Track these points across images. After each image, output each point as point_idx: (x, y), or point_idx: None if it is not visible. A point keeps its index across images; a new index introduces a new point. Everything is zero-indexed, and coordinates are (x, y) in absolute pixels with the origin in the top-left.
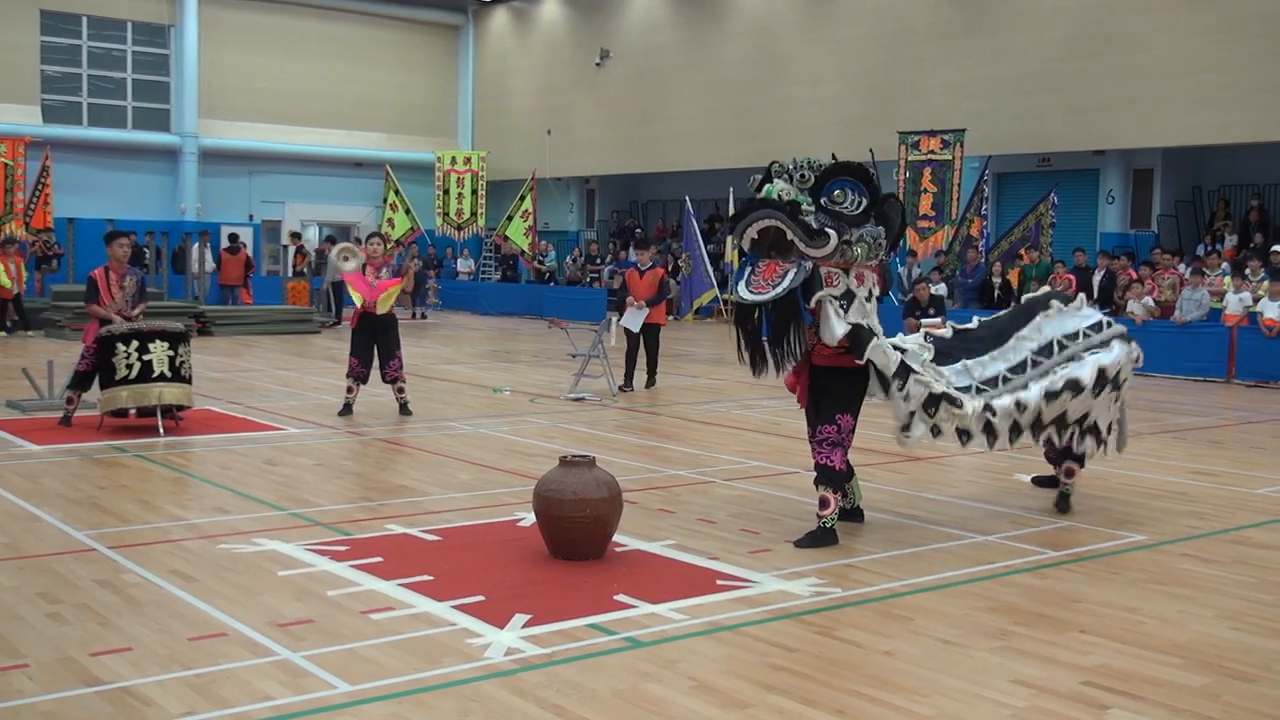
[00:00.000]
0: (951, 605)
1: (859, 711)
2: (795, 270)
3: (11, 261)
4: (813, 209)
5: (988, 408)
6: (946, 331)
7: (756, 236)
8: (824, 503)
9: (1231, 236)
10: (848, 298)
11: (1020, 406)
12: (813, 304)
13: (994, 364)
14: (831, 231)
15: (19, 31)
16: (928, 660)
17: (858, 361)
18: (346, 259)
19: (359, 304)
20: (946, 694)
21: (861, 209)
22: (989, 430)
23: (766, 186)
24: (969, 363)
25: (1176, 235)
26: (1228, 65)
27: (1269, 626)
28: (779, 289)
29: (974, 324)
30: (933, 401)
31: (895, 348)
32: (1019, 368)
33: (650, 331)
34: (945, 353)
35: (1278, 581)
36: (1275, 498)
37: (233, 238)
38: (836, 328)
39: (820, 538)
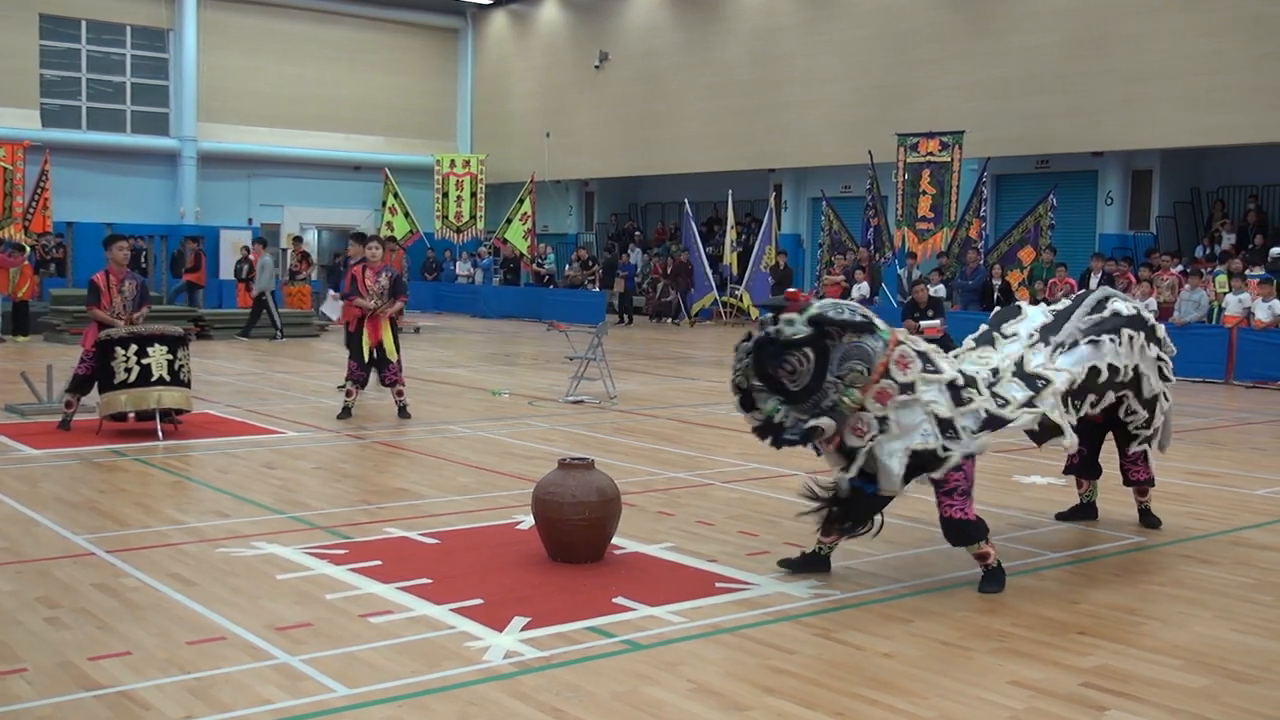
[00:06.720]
0: (951, 607)
1: (859, 714)
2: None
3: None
4: (784, 411)
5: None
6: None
7: None
8: (983, 556)
9: (1230, 236)
10: (882, 422)
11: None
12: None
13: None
14: (817, 421)
15: (18, 35)
16: (927, 662)
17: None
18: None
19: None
20: (946, 696)
21: (814, 358)
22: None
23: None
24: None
25: (1175, 237)
26: (1226, 67)
27: (1269, 628)
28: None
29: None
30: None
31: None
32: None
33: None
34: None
35: (1277, 582)
36: (1275, 499)
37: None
38: (894, 470)
39: (994, 576)
